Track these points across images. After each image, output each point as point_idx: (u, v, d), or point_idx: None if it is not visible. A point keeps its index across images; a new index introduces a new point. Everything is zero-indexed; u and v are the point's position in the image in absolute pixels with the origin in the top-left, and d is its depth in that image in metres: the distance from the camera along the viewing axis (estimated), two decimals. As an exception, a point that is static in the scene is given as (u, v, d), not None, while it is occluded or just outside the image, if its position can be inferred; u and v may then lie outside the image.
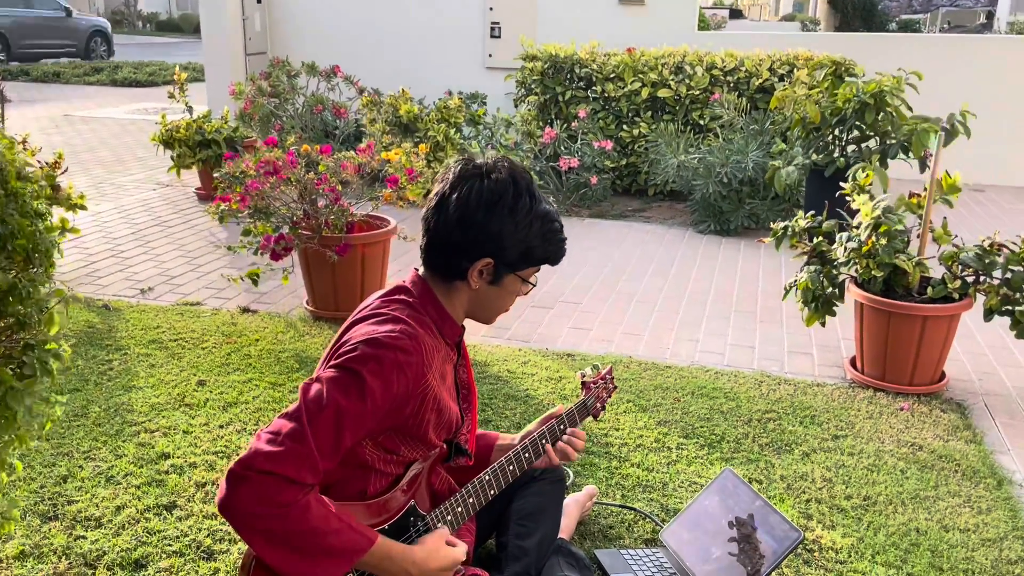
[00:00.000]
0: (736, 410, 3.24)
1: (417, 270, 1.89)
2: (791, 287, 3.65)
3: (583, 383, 2.31)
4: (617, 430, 3.05)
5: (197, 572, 2.21)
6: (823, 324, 3.62)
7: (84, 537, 2.33)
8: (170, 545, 2.31)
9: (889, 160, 5.24)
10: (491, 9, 8.42)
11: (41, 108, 11.63)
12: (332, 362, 1.68)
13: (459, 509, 1.94)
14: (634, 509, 2.56)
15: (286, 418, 1.61)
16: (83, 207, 4.42)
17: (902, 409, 3.29)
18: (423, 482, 1.93)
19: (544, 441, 2.11)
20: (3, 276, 1.59)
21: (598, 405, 2.30)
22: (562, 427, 2.15)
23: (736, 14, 31.25)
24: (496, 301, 1.87)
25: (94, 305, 4.18)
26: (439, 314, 1.83)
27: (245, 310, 4.22)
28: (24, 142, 4.67)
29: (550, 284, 4.75)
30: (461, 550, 1.87)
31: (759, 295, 4.65)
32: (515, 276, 1.84)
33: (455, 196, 1.76)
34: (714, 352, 3.86)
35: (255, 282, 3.92)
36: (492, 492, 2.00)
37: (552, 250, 1.85)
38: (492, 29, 8.46)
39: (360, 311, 1.84)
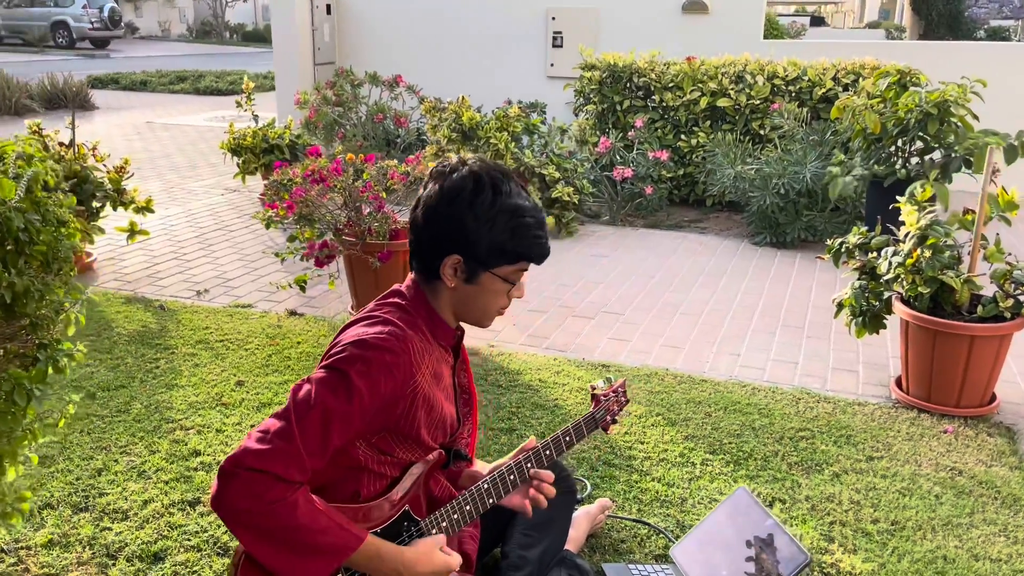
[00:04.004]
0: (768, 427, 3.17)
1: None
2: (840, 305, 3.56)
3: (593, 395, 2.29)
4: (642, 443, 3.02)
5: (212, 567, 2.28)
6: (877, 333, 3.52)
7: (109, 529, 2.43)
8: (189, 540, 2.39)
9: (953, 174, 5.05)
10: (553, 19, 8.44)
11: (127, 115, 12.16)
12: (322, 363, 1.72)
13: (455, 516, 1.95)
14: (648, 524, 2.53)
15: (276, 417, 1.65)
16: (151, 210, 4.64)
17: (946, 432, 3.16)
18: (421, 488, 1.95)
19: (548, 452, 2.10)
20: (19, 280, 1.68)
21: (608, 418, 2.27)
22: (558, 444, 2.12)
23: (818, 21, 30.56)
24: (478, 301, 1.87)
25: (151, 306, 4.35)
26: (430, 316, 1.86)
27: (292, 313, 4.33)
28: (95, 149, 4.93)
29: (594, 294, 4.73)
30: (455, 559, 1.88)
31: (809, 309, 4.53)
32: (491, 274, 1.83)
33: (423, 195, 1.83)
34: (754, 367, 3.78)
35: (303, 288, 4.03)
36: (491, 501, 2.00)
37: (525, 245, 1.83)
38: (554, 38, 8.48)
39: (357, 315, 1.88)
